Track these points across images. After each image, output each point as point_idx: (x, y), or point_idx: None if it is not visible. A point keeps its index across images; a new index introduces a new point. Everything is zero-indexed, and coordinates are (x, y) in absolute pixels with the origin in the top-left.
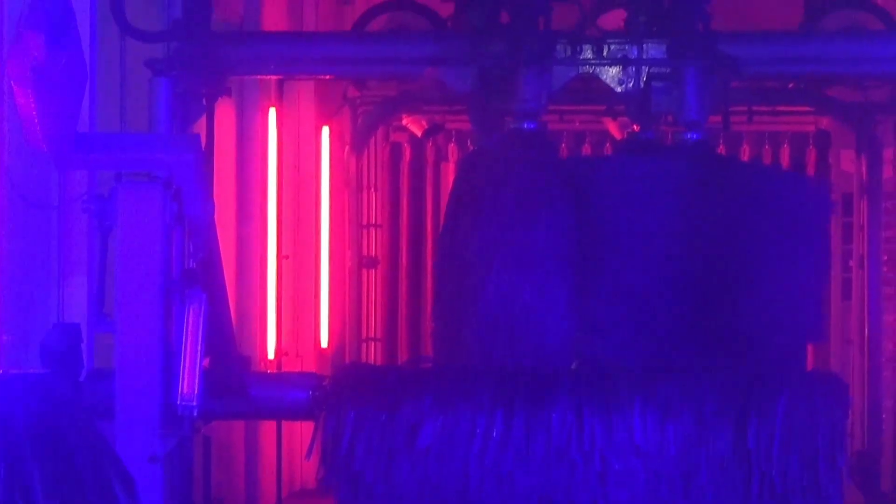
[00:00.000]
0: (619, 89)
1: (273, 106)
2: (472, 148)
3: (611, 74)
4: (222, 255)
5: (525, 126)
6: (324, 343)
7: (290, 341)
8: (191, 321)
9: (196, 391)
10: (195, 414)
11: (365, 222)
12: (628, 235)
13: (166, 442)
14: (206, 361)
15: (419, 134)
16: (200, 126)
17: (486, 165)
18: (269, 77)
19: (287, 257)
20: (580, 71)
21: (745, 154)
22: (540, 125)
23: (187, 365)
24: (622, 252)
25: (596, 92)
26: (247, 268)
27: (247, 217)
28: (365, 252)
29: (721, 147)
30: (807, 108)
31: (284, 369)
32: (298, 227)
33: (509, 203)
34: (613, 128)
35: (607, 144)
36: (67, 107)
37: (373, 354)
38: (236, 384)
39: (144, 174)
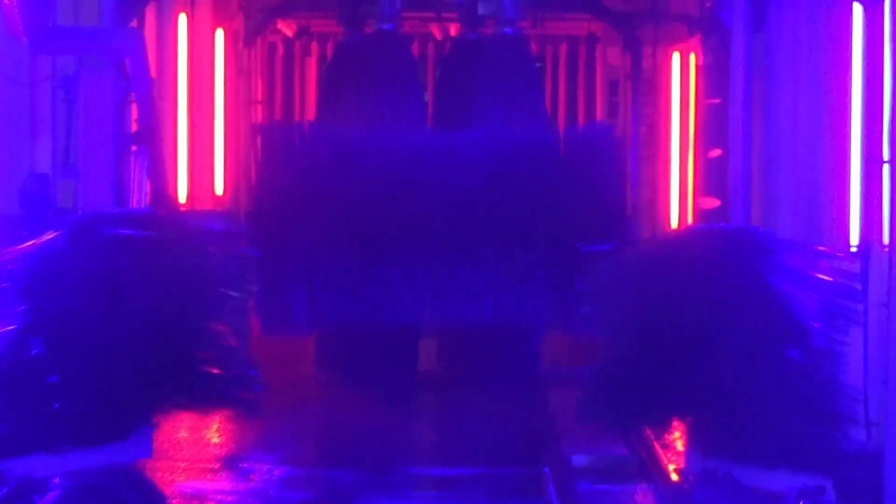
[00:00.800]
0: None
1: (184, 11)
2: (334, 46)
3: None
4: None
5: (384, 27)
6: (219, 191)
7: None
8: (136, 171)
9: None
10: None
11: (252, 100)
12: None
13: None
14: (149, 200)
15: (291, 35)
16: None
17: (354, 55)
18: None
19: (197, 125)
20: None
21: (534, 50)
22: (395, 26)
23: (134, 204)
24: None
25: (427, 2)
26: (165, 133)
27: (164, 95)
28: (253, 123)
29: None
30: (582, 15)
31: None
32: (202, 103)
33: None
34: (437, 31)
35: (430, 45)
36: (41, 4)
37: None
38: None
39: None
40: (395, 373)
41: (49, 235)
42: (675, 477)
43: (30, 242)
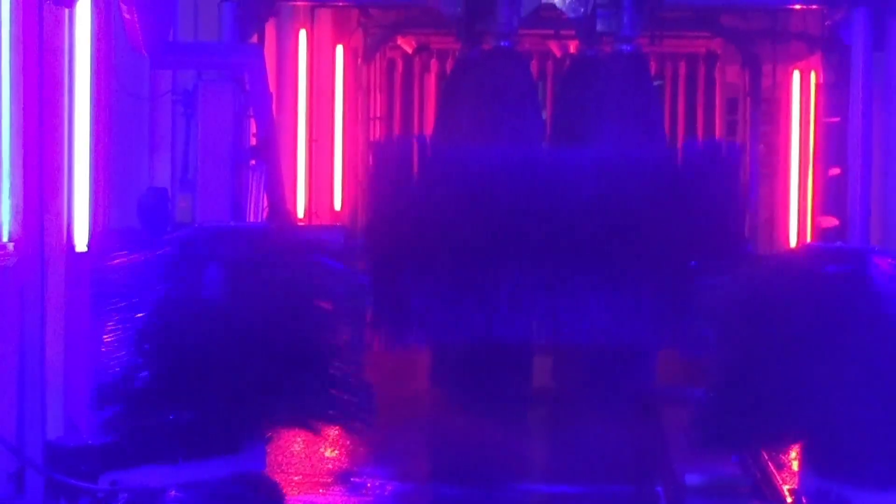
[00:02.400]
0: (571, 15)
1: (303, 27)
2: (453, 62)
3: (567, 3)
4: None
5: (501, 44)
6: (337, 206)
7: (311, 204)
8: (254, 185)
9: None
10: None
11: (371, 116)
12: None
13: None
14: (266, 214)
15: (410, 51)
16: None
17: (473, 72)
18: (300, 3)
19: (316, 140)
20: (543, 1)
21: (653, 69)
22: (512, 43)
23: (251, 218)
24: None
25: (546, 19)
26: (284, 148)
27: (282, 110)
28: (371, 138)
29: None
30: (701, 33)
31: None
32: (321, 118)
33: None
34: (555, 48)
35: (548, 62)
36: (162, 20)
37: None
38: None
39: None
40: (509, 389)
41: (165, 248)
42: (789, 498)
43: (145, 255)
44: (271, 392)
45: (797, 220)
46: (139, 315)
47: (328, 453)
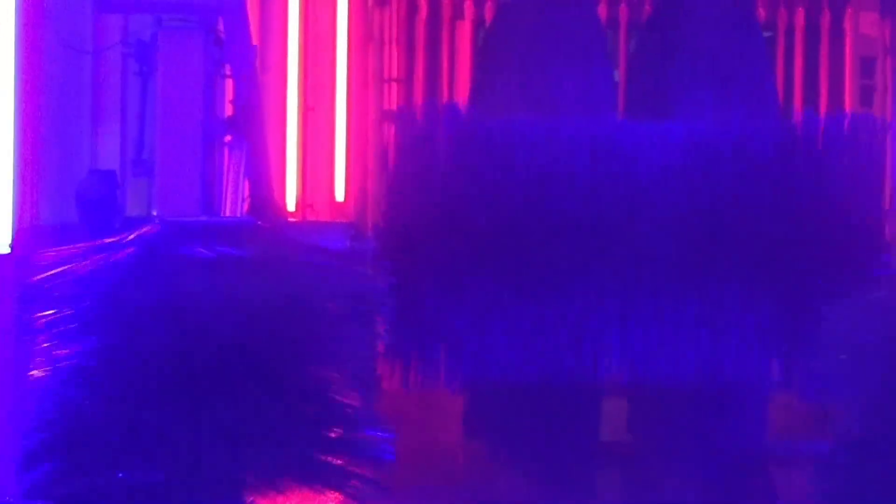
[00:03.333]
0: None
1: None
2: (494, 5)
3: None
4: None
5: None
6: (339, 197)
7: (305, 194)
8: (230, 168)
9: None
10: None
11: (386, 77)
12: None
13: None
14: (246, 207)
15: None
16: None
17: (522, 19)
18: None
19: (312, 109)
20: None
21: (761, 16)
22: None
23: (227, 211)
24: None
25: None
26: (270, 119)
27: (268, 69)
28: (386, 107)
29: None
30: None
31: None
32: (319, 80)
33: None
34: None
35: (622, 5)
36: None
37: None
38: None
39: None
40: (570, 443)
41: (112, 253)
42: None
43: (86, 263)
44: (254, 442)
45: None
46: (80, 339)
47: None
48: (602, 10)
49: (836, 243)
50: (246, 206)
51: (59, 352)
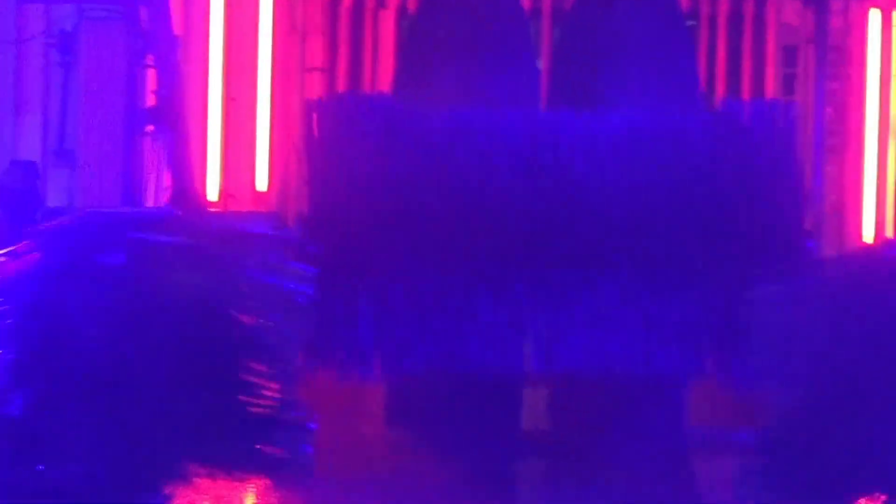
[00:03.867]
0: None
1: None
2: None
3: None
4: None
5: None
6: (261, 186)
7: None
8: (152, 159)
9: None
10: None
11: (308, 66)
12: None
13: None
14: (168, 196)
15: None
16: None
17: (446, 9)
18: None
19: (234, 99)
20: None
21: (684, 5)
22: None
23: (149, 202)
24: None
25: None
26: (192, 109)
27: (190, 59)
28: (309, 96)
29: None
30: None
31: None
32: (241, 70)
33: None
34: None
35: None
36: None
37: None
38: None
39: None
40: (491, 433)
41: (32, 248)
42: None
43: (5, 256)
44: (173, 431)
45: (875, 208)
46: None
47: None
48: (525, 0)
49: (760, 231)
50: (167, 196)
51: None
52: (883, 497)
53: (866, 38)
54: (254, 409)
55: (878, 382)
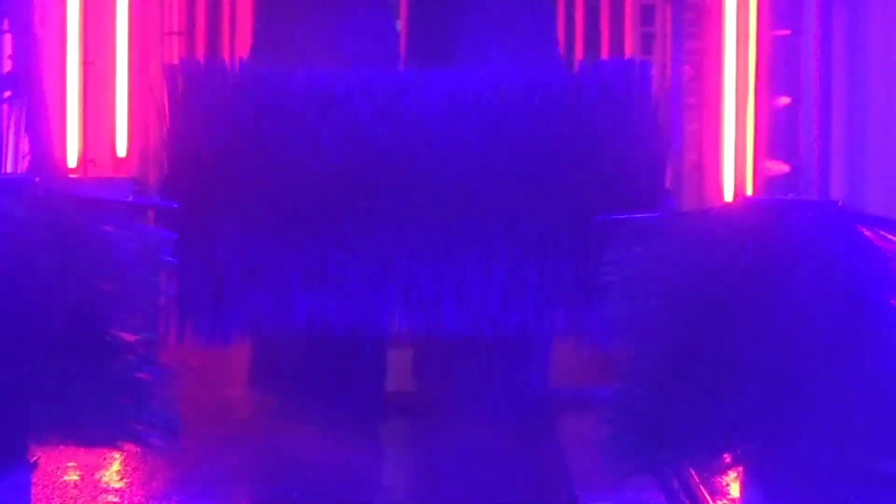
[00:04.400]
0: None
1: None
2: None
3: None
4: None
5: None
6: (121, 152)
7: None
8: (9, 124)
9: None
10: None
11: (167, 30)
12: None
13: None
14: (27, 163)
15: None
16: None
17: None
18: None
19: (92, 63)
20: None
21: None
22: None
23: (7, 168)
24: None
25: None
26: (49, 75)
27: (47, 23)
28: (167, 60)
29: None
30: None
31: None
32: (99, 34)
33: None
34: None
35: None
36: None
37: None
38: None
39: None
40: (356, 394)
41: None
42: None
43: None
44: (35, 399)
45: (734, 165)
46: None
47: (114, 483)
48: None
49: (620, 190)
50: (26, 164)
51: None
52: (742, 453)
53: None
54: (118, 375)
55: (731, 338)
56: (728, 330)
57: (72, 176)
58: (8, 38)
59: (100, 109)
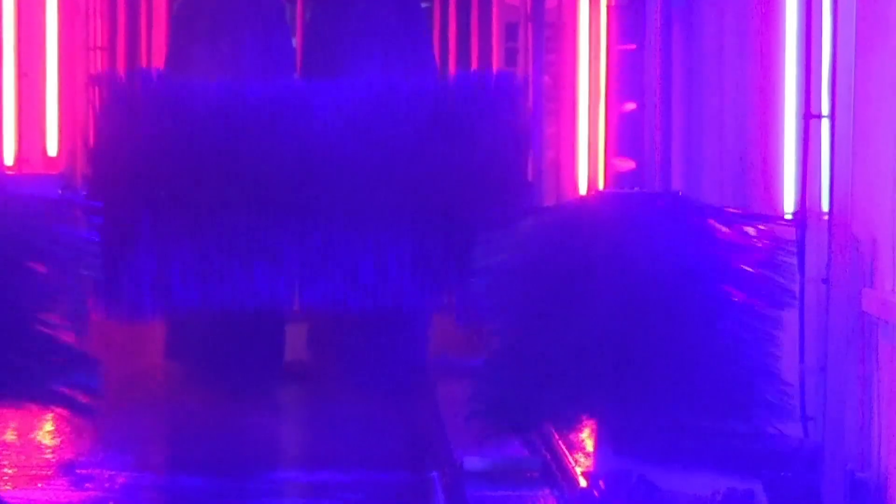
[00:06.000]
0: None
1: None
2: None
3: None
4: None
5: None
6: (52, 152)
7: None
8: None
9: None
10: None
11: (91, 45)
12: None
13: None
14: None
15: None
16: None
17: None
18: None
19: (26, 75)
20: None
21: None
22: None
23: None
24: None
25: None
26: None
27: None
28: (92, 71)
29: None
30: None
31: None
32: (31, 48)
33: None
34: None
35: None
36: None
37: None
38: None
39: None
40: (257, 363)
41: None
42: (583, 481)
43: None
44: None
45: (588, 162)
46: None
47: (47, 441)
48: None
49: (488, 184)
50: None
51: None
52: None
53: (577, 16)
54: (49, 347)
55: (585, 313)
56: (583, 306)
57: (8, 172)
58: None
59: (32, 115)
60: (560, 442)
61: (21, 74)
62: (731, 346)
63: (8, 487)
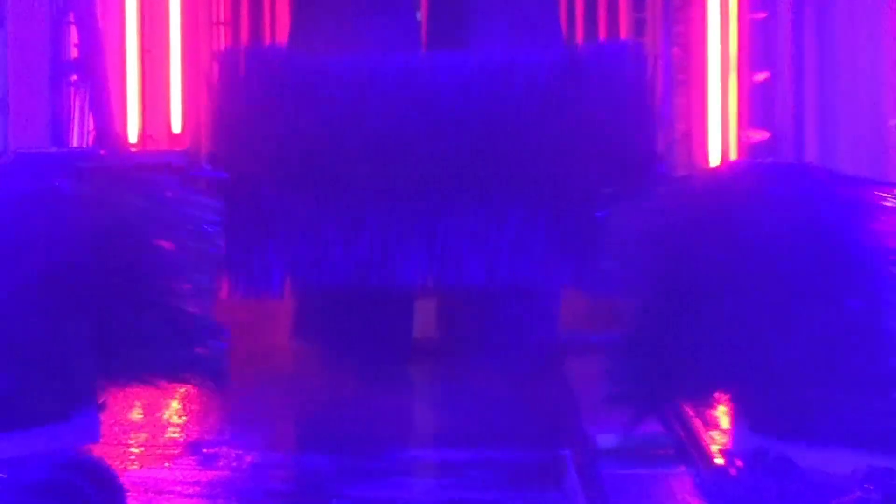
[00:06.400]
0: None
1: None
2: None
3: None
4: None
5: None
6: (176, 129)
7: (145, 126)
8: (76, 105)
9: None
10: None
11: (215, 20)
12: None
13: None
14: (92, 138)
15: None
16: None
17: None
18: None
19: (149, 51)
20: None
21: None
22: None
23: (75, 143)
24: None
25: None
26: (111, 60)
27: (108, 14)
28: (215, 47)
29: None
30: None
31: None
32: (155, 24)
33: None
34: None
35: None
36: None
37: None
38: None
39: None
40: (386, 341)
41: None
42: (719, 460)
43: None
44: (104, 346)
45: (719, 134)
46: None
47: (174, 420)
48: None
49: (617, 155)
50: (92, 139)
51: None
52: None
53: None
54: (176, 325)
55: (720, 287)
56: (718, 280)
57: (133, 149)
58: (73, 29)
59: (156, 91)
60: (696, 419)
61: (144, 50)
62: (872, 318)
63: (135, 467)
